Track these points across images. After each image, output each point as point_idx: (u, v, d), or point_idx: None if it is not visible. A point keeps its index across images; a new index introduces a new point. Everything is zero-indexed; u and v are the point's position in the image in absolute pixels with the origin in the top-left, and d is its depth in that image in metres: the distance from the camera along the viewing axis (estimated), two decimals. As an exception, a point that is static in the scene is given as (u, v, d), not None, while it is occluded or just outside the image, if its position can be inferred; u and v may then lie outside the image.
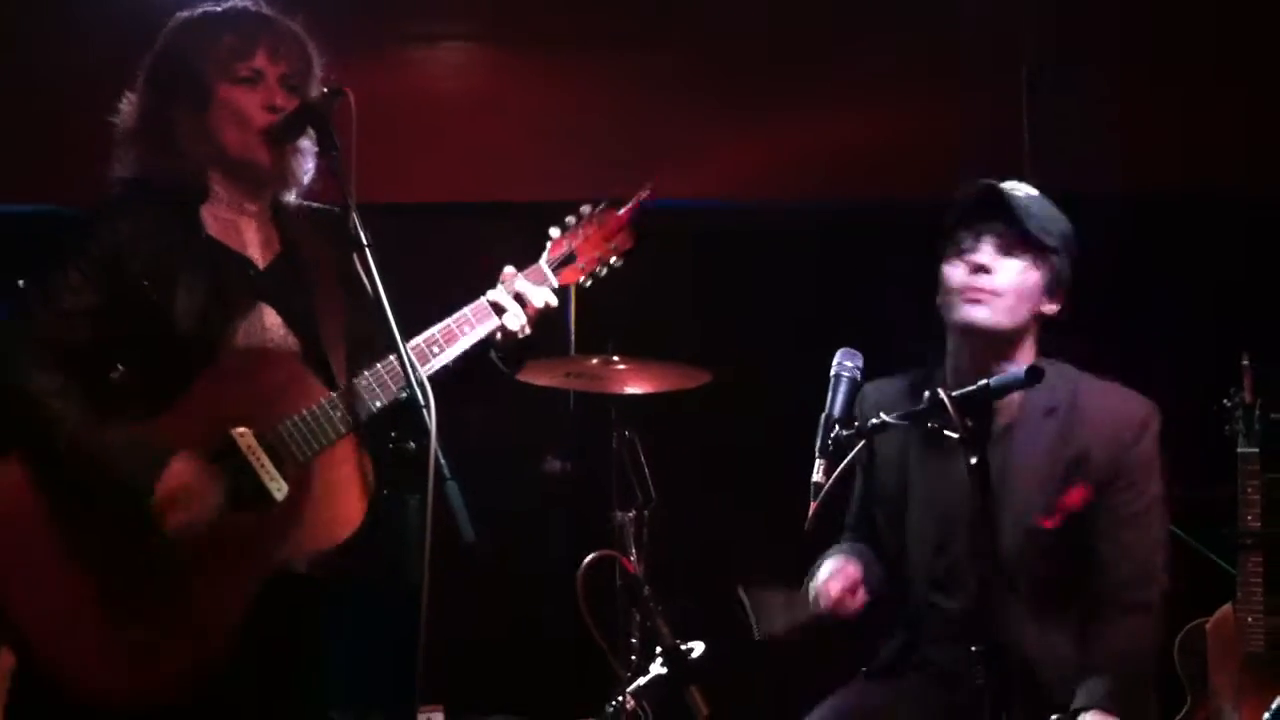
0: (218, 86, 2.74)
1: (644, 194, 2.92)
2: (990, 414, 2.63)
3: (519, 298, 2.78)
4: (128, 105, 2.81)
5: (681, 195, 4.78)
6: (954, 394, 2.56)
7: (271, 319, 2.76)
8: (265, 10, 2.82)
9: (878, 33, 4.62)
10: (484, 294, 2.80)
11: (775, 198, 4.78)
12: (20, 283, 2.73)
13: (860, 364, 2.88)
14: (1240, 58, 4.57)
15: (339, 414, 2.68)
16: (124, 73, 2.84)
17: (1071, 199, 4.29)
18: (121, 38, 2.94)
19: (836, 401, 2.81)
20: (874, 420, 2.69)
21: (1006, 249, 3.00)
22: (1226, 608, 3.73)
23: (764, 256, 4.66)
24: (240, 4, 2.82)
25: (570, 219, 2.87)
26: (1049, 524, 2.97)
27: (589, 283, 2.89)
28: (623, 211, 2.90)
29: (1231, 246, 4.48)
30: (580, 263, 2.86)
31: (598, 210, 2.88)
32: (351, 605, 2.97)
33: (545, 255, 2.84)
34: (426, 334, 2.74)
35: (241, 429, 2.63)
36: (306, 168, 2.81)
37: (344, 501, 2.70)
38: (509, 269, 2.82)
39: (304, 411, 2.67)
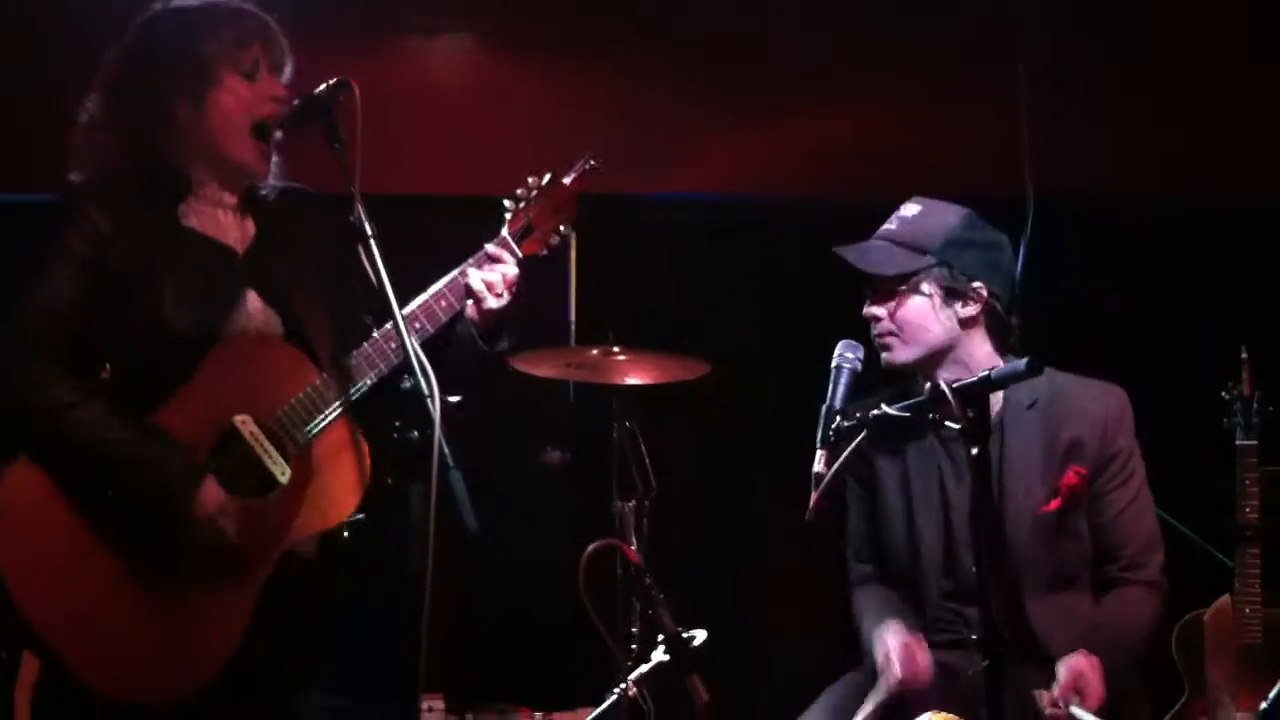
0: (224, 76, 2.76)
1: (587, 164, 2.98)
2: (989, 405, 2.65)
3: (489, 271, 2.84)
4: (101, 94, 2.79)
5: (682, 189, 4.80)
6: (955, 385, 2.58)
7: (255, 303, 2.77)
8: (250, 6, 2.83)
9: (877, 31, 4.62)
10: (458, 270, 2.85)
11: (774, 192, 4.79)
12: None
13: (861, 355, 2.91)
14: (1240, 60, 4.58)
15: (332, 393, 2.71)
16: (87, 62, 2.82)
17: (1065, 198, 4.34)
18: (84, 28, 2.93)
19: (837, 392, 2.85)
20: (875, 411, 2.71)
21: (882, 292, 3.11)
22: (1224, 600, 3.74)
23: (764, 249, 4.67)
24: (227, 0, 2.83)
25: (521, 191, 2.93)
26: (1052, 506, 3.04)
27: (545, 252, 2.95)
28: (569, 181, 2.96)
29: (1230, 244, 4.49)
30: (538, 233, 2.93)
31: (545, 182, 2.94)
32: (353, 591, 2.98)
33: (505, 229, 2.90)
34: (406, 311, 2.76)
35: (243, 416, 2.66)
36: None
37: (341, 483, 2.73)
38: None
39: (300, 394, 2.70)
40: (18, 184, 4.30)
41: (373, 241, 2.62)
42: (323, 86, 2.73)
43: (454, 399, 2.76)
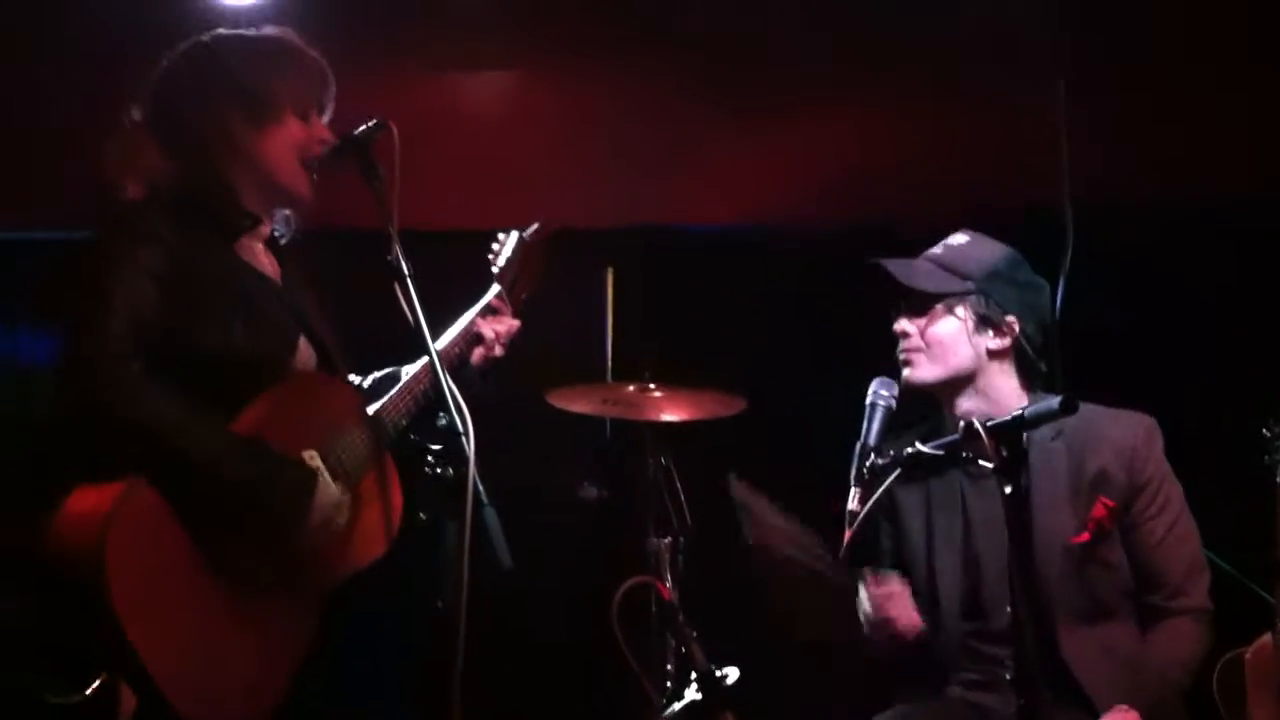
0: (284, 114, 2.78)
1: (548, 229, 3.15)
2: (1021, 444, 2.65)
3: (496, 323, 2.99)
4: (147, 110, 2.77)
5: (719, 220, 4.81)
6: (988, 424, 2.58)
7: (302, 339, 2.79)
8: (308, 48, 2.86)
9: (916, 47, 4.60)
10: (468, 320, 2.96)
11: (813, 221, 4.79)
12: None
13: (895, 393, 2.93)
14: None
15: (377, 435, 2.75)
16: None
17: (1092, 212, 4.30)
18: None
19: (871, 430, 2.87)
20: (909, 449, 2.71)
21: (916, 308, 3.15)
22: (1265, 638, 3.70)
23: (803, 281, 4.66)
24: (287, 37, 2.86)
25: (496, 246, 3.10)
26: (1081, 539, 3.04)
27: (521, 307, 3.09)
28: (530, 241, 3.13)
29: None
30: (519, 289, 3.08)
31: (514, 242, 3.11)
32: (383, 625, 3.00)
33: (498, 284, 3.04)
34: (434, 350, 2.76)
35: (311, 452, 2.65)
36: None
37: (377, 521, 2.76)
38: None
39: (352, 431, 2.72)
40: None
41: (409, 280, 2.64)
42: (362, 127, 2.77)
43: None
